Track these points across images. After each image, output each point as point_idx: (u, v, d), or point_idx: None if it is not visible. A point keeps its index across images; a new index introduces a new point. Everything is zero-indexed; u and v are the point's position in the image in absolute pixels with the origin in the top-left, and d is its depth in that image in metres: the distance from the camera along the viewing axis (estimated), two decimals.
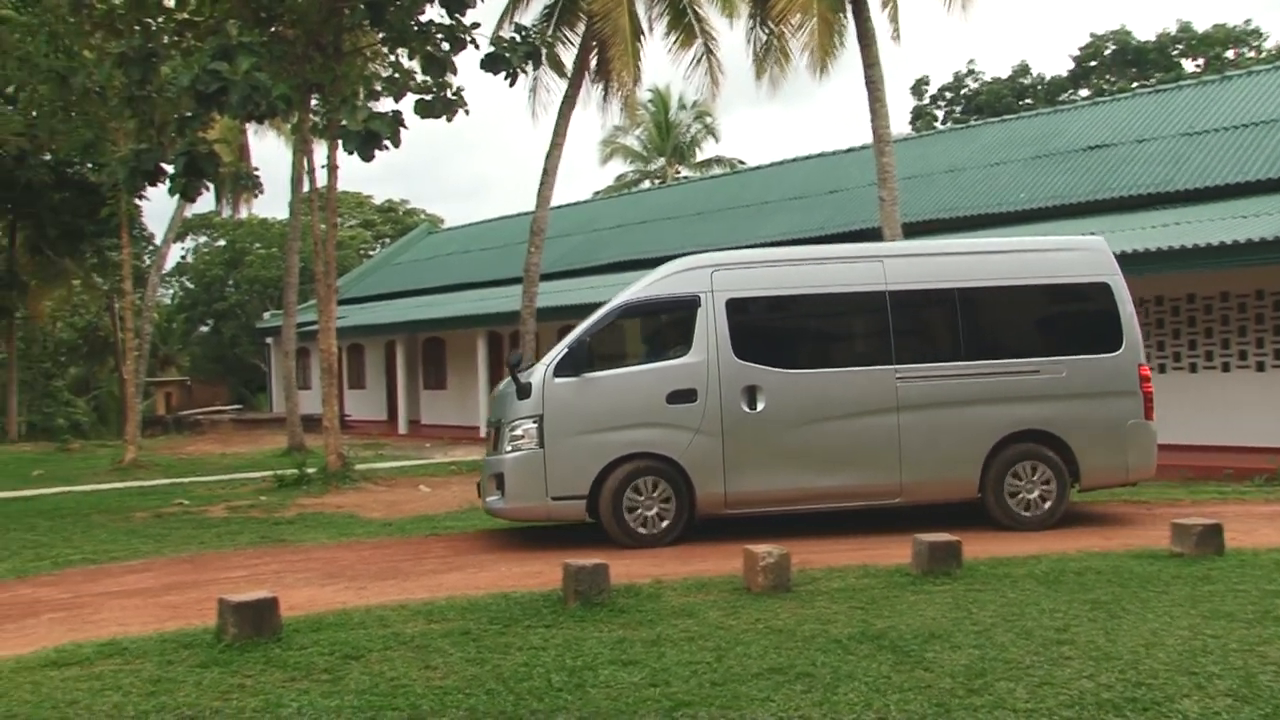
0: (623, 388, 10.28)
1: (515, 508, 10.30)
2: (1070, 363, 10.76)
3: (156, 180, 16.14)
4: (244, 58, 13.73)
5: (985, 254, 11.38)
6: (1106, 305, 10.99)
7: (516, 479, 10.14)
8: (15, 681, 5.98)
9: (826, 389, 10.41)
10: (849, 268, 10.89)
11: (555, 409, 10.09)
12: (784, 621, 6.89)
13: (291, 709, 5.33)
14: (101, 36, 17.20)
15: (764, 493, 10.32)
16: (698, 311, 10.37)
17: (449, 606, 7.56)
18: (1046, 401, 10.64)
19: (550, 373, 10.18)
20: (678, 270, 10.75)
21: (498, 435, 10.53)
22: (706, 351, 10.28)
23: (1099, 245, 11.47)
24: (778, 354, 10.54)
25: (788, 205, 25.83)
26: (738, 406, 10.22)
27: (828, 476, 10.35)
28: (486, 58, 15.66)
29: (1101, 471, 10.89)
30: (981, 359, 10.68)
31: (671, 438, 10.16)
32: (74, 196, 33.01)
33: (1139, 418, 10.84)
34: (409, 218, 56.18)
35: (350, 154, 14.77)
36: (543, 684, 5.67)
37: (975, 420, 10.52)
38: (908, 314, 10.88)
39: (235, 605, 6.63)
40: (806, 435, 10.29)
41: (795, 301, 10.89)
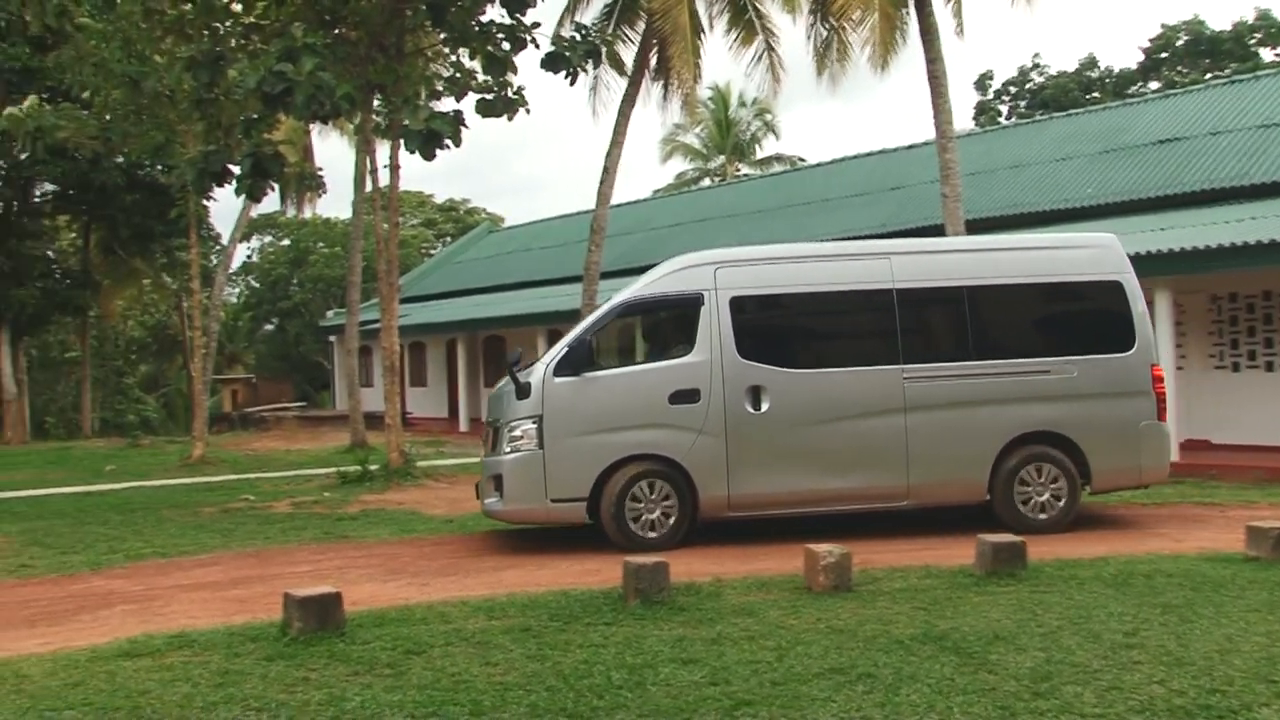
0: (624, 388, 10.12)
1: (514, 510, 10.12)
2: (1081, 363, 10.56)
3: (224, 181, 16.45)
4: (308, 59, 13.91)
5: (995, 251, 11.20)
6: (1118, 304, 10.79)
7: (515, 481, 9.96)
8: (91, 670, 6.12)
9: (832, 389, 10.22)
10: (855, 265, 10.69)
11: (555, 409, 9.91)
12: (845, 621, 6.83)
13: (355, 703, 5.39)
14: (171, 41, 17.52)
15: (768, 495, 10.13)
16: (700, 309, 10.18)
17: (509, 603, 7.60)
18: (1057, 402, 10.45)
19: (550, 372, 9.98)
20: (680, 267, 10.56)
21: (496, 436, 10.33)
22: (709, 350, 10.09)
23: (1110, 242, 11.25)
24: (782, 353, 10.39)
25: (848, 202, 25.61)
26: (741, 407, 10.04)
27: (833, 479, 10.15)
28: (547, 57, 15.72)
29: (1113, 474, 10.69)
30: (991, 359, 10.50)
31: (674, 439, 9.97)
32: (144, 198, 33.73)
33: (1152, 419, 10.67)
34: (470, 216, 56.60)
35: (412, 153, 14.90)
36: (603, 681, 5.67)
37: (984, 421, 10.33)
38: (915, 312, 10.71)
39: (300, 600, 6.72)
40: (812, 436, 10.11)
41: (800, 299, 10.65)
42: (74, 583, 9.49)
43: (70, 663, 6.33)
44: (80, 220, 38.05)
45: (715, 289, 10.24)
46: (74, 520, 13.66)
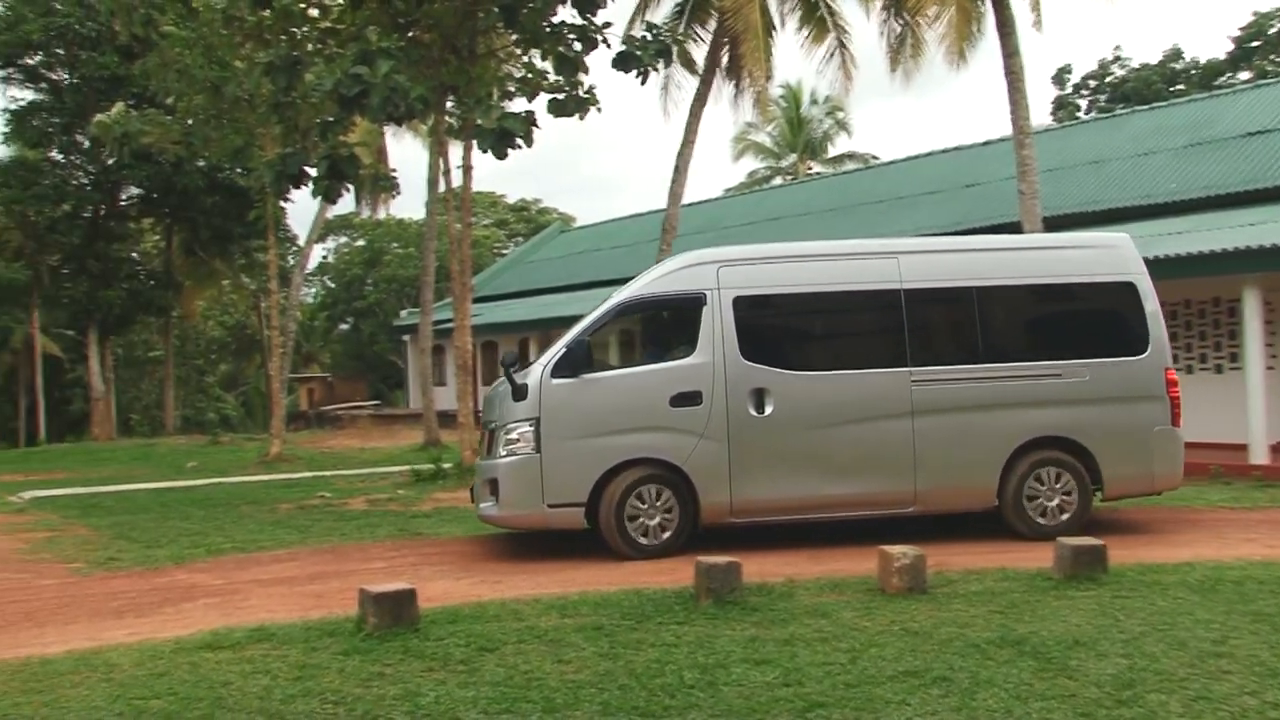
0: (623, 389, 9.83)
1: (509, 515, 9.80)
2: (1093, 366, 10.26)
3: (301, 183, 16.73)
4: (383, 62, 14.10)
5: (1005, 251, 10.92)
6: (1132, 306, 10.50)
7: (511, 485, 9.64)
8: (175, 661, 6.28)
9: (838, 392, 9.92)
10: (863, 264, 10.38)
11: (552, 411, 9.58)
12: (920, 624, 6.74)
13: (429, 698, 5.44)
14: (251, 47, 17.90)
15: (771, 501, 9.84)
16: (703, 309, 9.86)
17: (582, 601, 7.62)
18: (1068, 406, 10.13)
19: (547, 373, 9.66)
20: (682, 266, 10.24)
21: (492, 439, 10.03)
22: (712, 352, 9.78)
23: (1124, 242, 10.95)
24: (787, 355, 10.13)
25: (922, 200, 25.30)
26: (744, 410, 9.73)
27: (838, 484, 9.84)
28: (618, 56, 15.74)
29: (1125, 480, 10.35)
30: (1000, 361, 10.20)
31: (675, 442, 9.65)
32: (224, 200, 34.52)
33: (1165, 424, 10.32)
34: (541, 216, 56.94)
35: (485, 152, 15.04)
36: (675, 681, 5.67)
37: (994, 426, 10.02)
38: (924, 314, 10.36)
39: (375, 596, 6.80)
40: (816, 441, 9.80)
41: (806, 300, 10.34)
42: (159, 576, 9.71)
43: (156, 653, 6.49)
44: (163, 223, 39.06)
45: (718, 288, 9.94)
46: (158, 515, 13.99)
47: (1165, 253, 15.40)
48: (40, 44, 33.03)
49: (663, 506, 9.66)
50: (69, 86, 34.19)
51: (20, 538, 12.32)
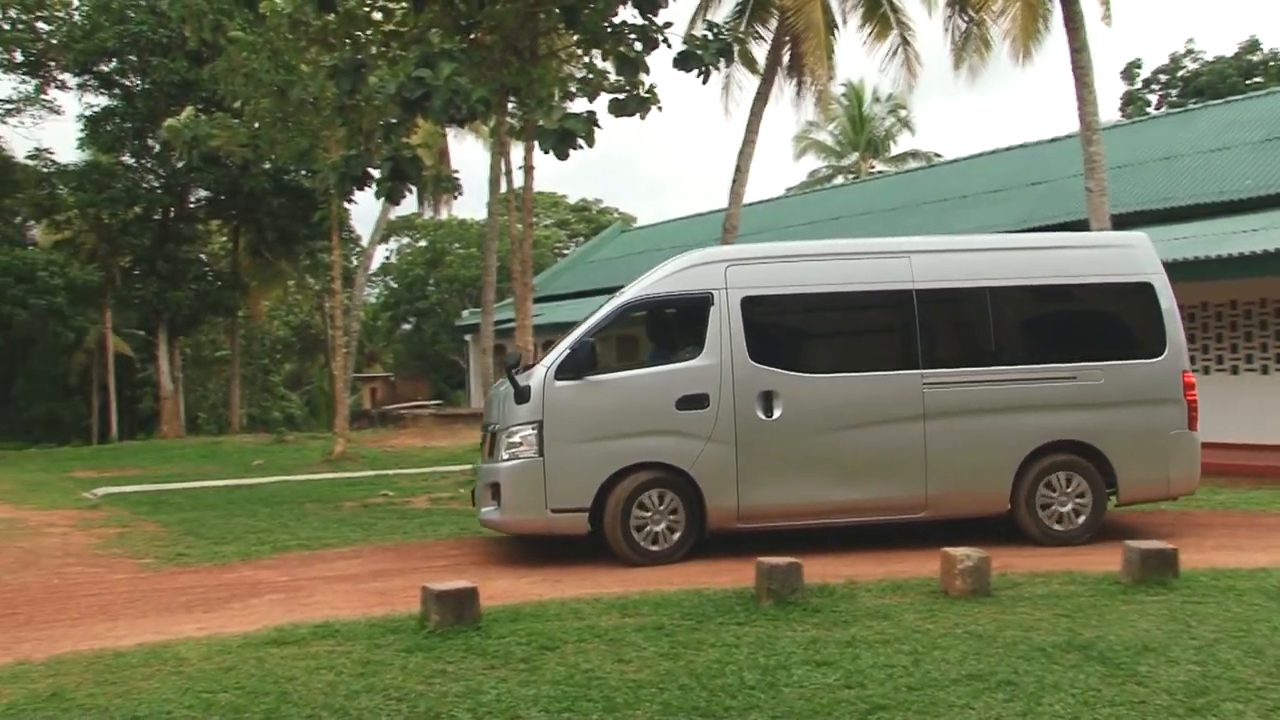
0: (629, 392, 9.60)
1: (511, 520, 9.62)
2: (1109, 368, 10.06)
3: (364, 184, 16.91)
4: (446, 64, 14.20)
5: (1020, 250, 10.70)
6: (1148, 307, 10.28)
7: (513, 489, 9.44)
8: (242, 656, 6.38)
9: (848, 395, 9.74)
10: (874, 264, 10.20)
11: (556, 414, 9.39)
12: (984, 627, 6.66)
13: (491, 695, 5.47)
14: (316, 51, 18.16)
15: (780, 506, 9.66)
16: (710, 310, 9.66)
17: (642, 601, 7.63)
18: (1083, 410, 9.94)
19: (551, 375, 9.45)
20: (689, 265, 10.02)
21: (493, 441, 9.85)
22: (719, 353, 9.59)
23: (1141, 241, 10.71)
24: (796, 357, 9.93)
25: (987, 198, 24.96)
26: (752, 413, 9.54)
27: (848, 489, 9.67)
28: (679, 56, 15.72)
29: (1141, 485, 10.15)
30: (1014, 364, 10.01)
31: (681, 446, 9.46)
32: (290, 202, 35.05)
33: (1182, 428, 10.12)
34: (602, 216, 57.10)
35: (546, 153, 15.07)
36: (735, 681, 5.65)
37: (1007, 429, 9.83)
38: (936, 315, 10.18)
39: (438, 594, 6.86)
40: (826, 445, 9.63)
41: (815, 300, 10.12)
42: (226, 572, 9.88)
43: (223, 648, 6.60)
44: (230, 225, 39.77)
45: (726, 288, 9.74)
46: (225, 512, 14.24)
47: (1239, 250, 15.05)
48: (115, 51, 33.78)
49: (668, 512, 9.49)
50: (141, 92, 34.93)
51: (94, 533, 12.60)
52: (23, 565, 10.48)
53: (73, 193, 34.76)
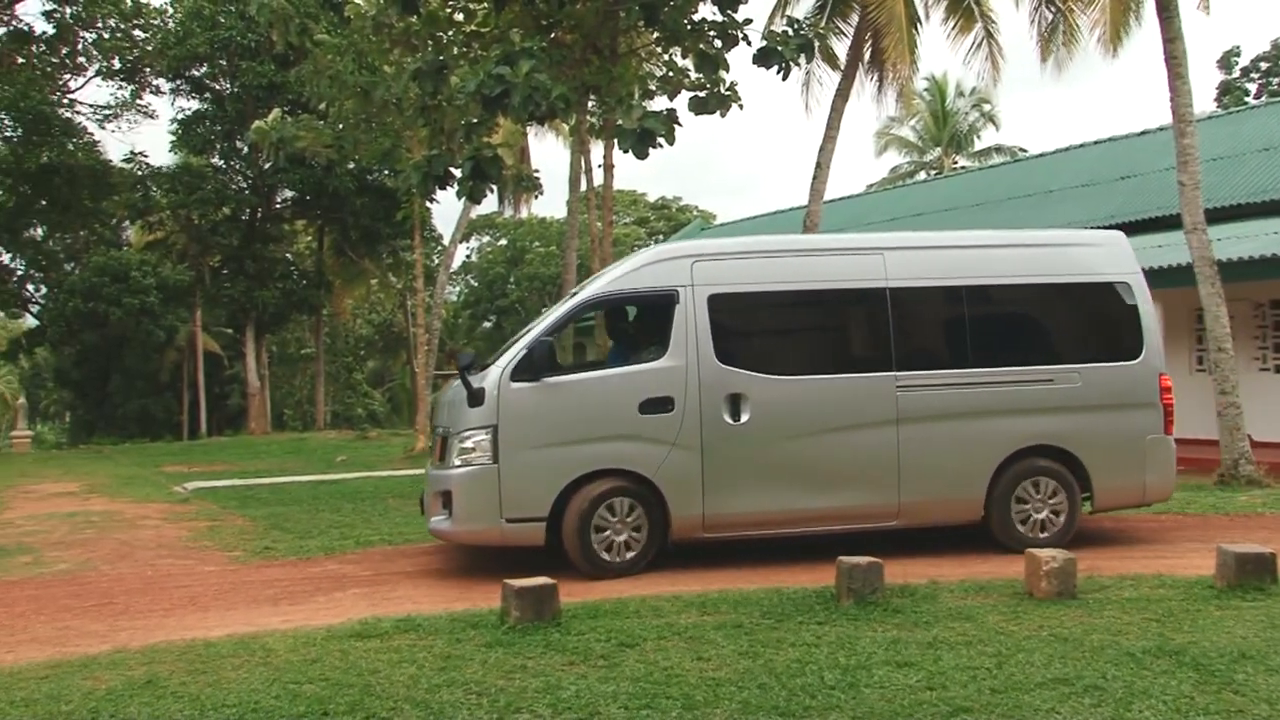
0: (589, 395, 9.07)
1: (463, 530, 9.08)
2: (1086, 371, 9.73)
3: (446, 184, 17.11)
4: (525, 62, 14.31)
5: (996, 248, 10.31)
6: (1126, 307, 9.98)
7: (466, 498, 8.91)
8: (327, 649, 6.50)
9: (819, 398, 9.30)
10: (846, 261, 9.81)
11: (511, 418, 8.83)
12: (1070, 630, 6.52)
13: (570, 692, 5.50)
14: (399, 53, 18.40)
15: (747, 515, 9.20)
16: (675, 308, 9.14)
17: (721, 599, 7.61)
18: (1059, 414, 9.61)
19: (506, 377, 8.89)
20: (653, 260, 9.52)
21: (444, 446, 9.28)
22: (685, 354, 9.08)
23: (1118, 240, 10.38)
24: (765, 358, 9.43)
25: (1074, 193, 24.43)
26: (719, 417, 9.05)
27: (818, 497, 9.25)
28: (759, 52, 15.64)
29: (1116, 491, 9.86)
30: (990, 366, 9.63)
31: (644, 452, 8.94)
32: (373, 202, 35.65)
33: (1158, 433, 9.82)
34: (682, 214, 57.09)
35: (626, 152, 15.11)
36: (815, 681, 5.60)
37: (983, 434, 9.48)
38: (910, 314, 9.75)
39: (518, 590, 6.92)
40: (796, 450, 9.17)
41: (785, 298, 9.73)
42: (311, 566, 10.07)
43: (308, 640, 6.72)
44: (315, 224, 40.58)
45: (692, 285, 9.23)
46: (310, 507, 14.50)
47: None
48: (205, 56, 34.68)
49: (631, 521, 8.98)
50: (230, 95, 35.79)
51: (185, 526, 12.93)
52: (119, 557, 10.80)
53: (165, 194, 35.76)
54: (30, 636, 7.38)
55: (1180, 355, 19.24)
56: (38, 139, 32.74)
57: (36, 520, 13.63)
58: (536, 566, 8.38)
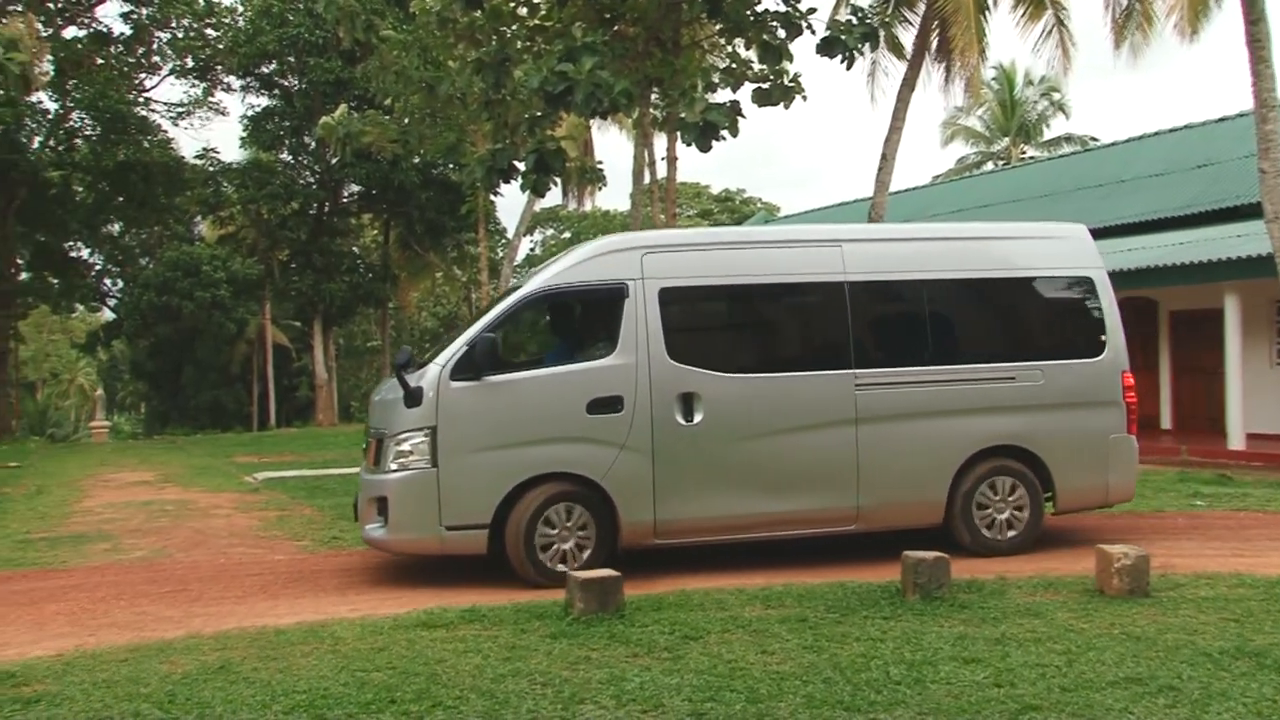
0: (533, 394, 8.56)
1: (399, 539, 8.54)
2: (1049, 368, 9.45)
3: (510, 177, 17.21)
4: (587, 59, 14.33)
5: (957, 241, 10.00)
6: (1089, 302, 9.74)
7: (402, 504, 8.39)
8: (394, 638, 6.58)
9: (775, 397, 8.92)
10: (803, 254, 9.43)
11: (451, 419, 8.34)
12: (1143, 629, 6.40)
13: (634, 684, 5.51)
14: (463, 48, 18.52)
15: (700, 520, 8.77)
16: (625, 302, 8.69)
17: (785, 593, 7.58)
18: (1022, 413, 9.33)
19: (446, 375, 8.38)
20: (600, 251, 9.05)
21: (379, 450, 8.71)
22: (635, 351, 8.64)
23: (1080, 233, 10.09)
24: (719, 355, 9.05)
25: (1147, 183, 23.93)
26: (671, 417, 8.62)
27: (775, 501, 8.84)
28: (823, 42, 15.52)
29: (1079, 492, 9.58)
30: (952, 363, 9.35)
31: (592, 455, 8.49)
32: (438, 195, 36.00)
33: (1121, 432, 9.57)
34: (745, 207, 56.86)
35: (689, 146, 15.10)
36: (880, 676, 5.56)
37: (944, 434, 9.16)
38: (869, 310, 9.45)
39: (582, 581, 6.95)
40: (751, 452, 8.78)
41: (740, 293, 9.36)
42: (377, 555, 10.18)
43: (376, 629, 6.82)
44: (381, 218, 41.07)
45: (642, 278, 8.78)
46: None
47: None
48: (275, 53, 35.25)
49: (577, 527, 8.52)
50: (298, 92, 36.34)
51: (255, 516, 13.17)
52: (193, 545, 11.03)
53: (235, 190, 36.47)
54: (110, 621, 7.58)
55: (1260, 348, 18.80)
56: (115, 137, 33.51)
57: (114, 508, 13.97)
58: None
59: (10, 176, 32.20)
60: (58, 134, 34.31)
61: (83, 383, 60.05)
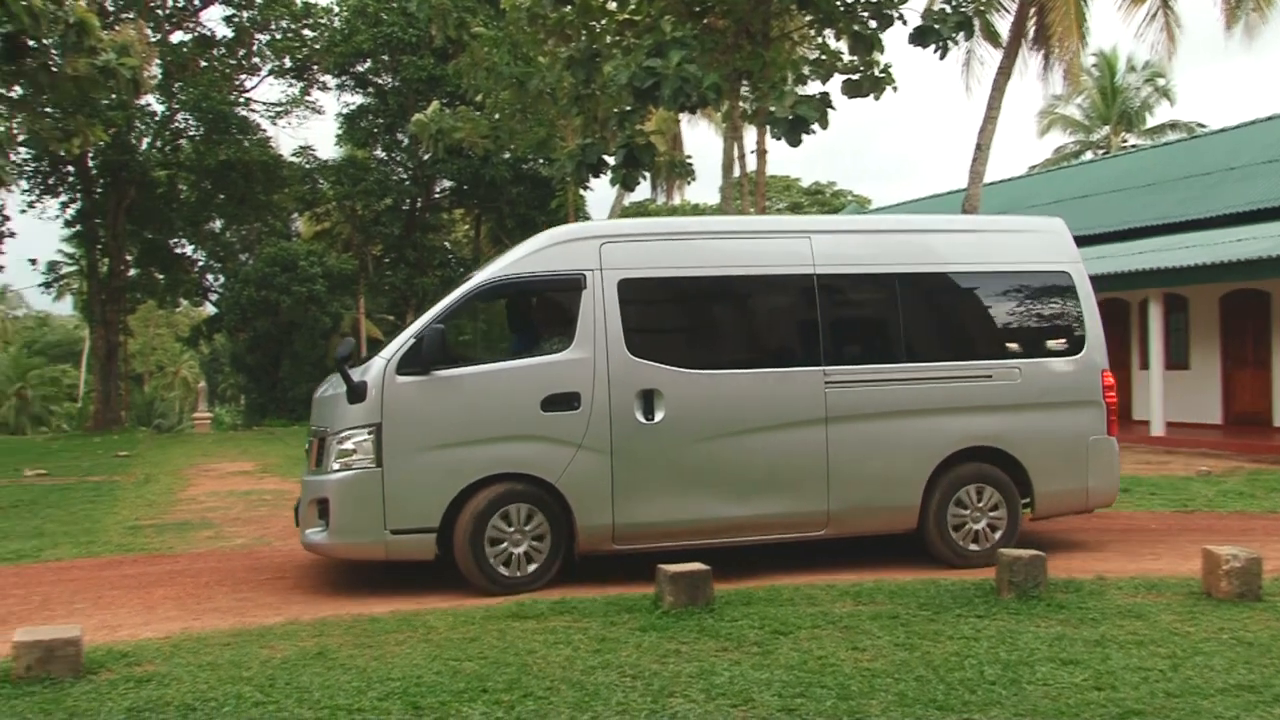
0: (485, 390, 8.14)
1: (342, 544, 8.10)
2: (1027, 366, 9.04)
3: (600, 172, 17.31)
4: (675, 53, 14.35)
5: (931, 233, 9.59)
6: (1066, 298, 9.33)
7: (344, 507, 7.96)
8: (485, 628, 6.66)
9: (741, 395, 8.49)
10: (770, 245, 9.03)
11: (397, 416, 7.92)
12: (1254, 634, 6.18)
13: (724, 678, 5.49)
14: (553, 43, 18.68)
15: (661, 525, 8.31)
16: (582, 294, 8.28)
17: (876, 589, 7.50)
18: (999, 413, 8.91)
19: (392, 369, 7.97)
20: (557, 241, 8.61)
21: (321, 449, 8.29)
22: (593, 346, 8.22)
23: (1057, 226, 9.67)
24: (682, 350, 8.65)
25: (1258, 171, 23.08)
26: (631, 416, 8.19)
27: (740, 505, 8.42)
28: (916, 31, 15.31)
29: (1059, 496, 9.11)
30: (926, 360, 8.94)
31: (546, 455, 8.07)
32: (528, 190, 36.30)
33: (1101, 433, 9.14)
34: (836, 199, 56.35)
35: (778, 140, 15.02)
36: (975, 675, 5.46)
37: (918, 434, 8.73)
38: (840, 303, 9.08)
39: (672, 575, 6.95)
40: (715, 453, 8.36)
41: (704, 285, 8.87)
42: None
43: (467, 619, 6.90)
44: (472, 213, 41.54)
45: (600, 269, 8.35)
46: None
47: None
48: (369, 52, 35.88)
49: (531, 532, 8.10)
50: (391, 90, 36.93)
51: None
52: (291, 533, 11.25)
53: (331, 186, 37.22)
54: (213, 606, 7.81)
55: None
56: (217, 137, 34.52)
57: (217, 497, 14.38)
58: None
59: (121, 177, 33.44)
60: (164, 135, 35.46)
61: (186, 375, 61.93)
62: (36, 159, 33.02)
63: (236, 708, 5.14)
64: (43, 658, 5.62)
